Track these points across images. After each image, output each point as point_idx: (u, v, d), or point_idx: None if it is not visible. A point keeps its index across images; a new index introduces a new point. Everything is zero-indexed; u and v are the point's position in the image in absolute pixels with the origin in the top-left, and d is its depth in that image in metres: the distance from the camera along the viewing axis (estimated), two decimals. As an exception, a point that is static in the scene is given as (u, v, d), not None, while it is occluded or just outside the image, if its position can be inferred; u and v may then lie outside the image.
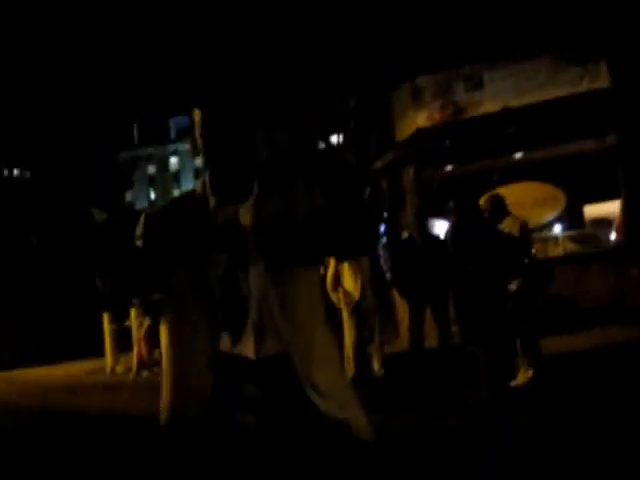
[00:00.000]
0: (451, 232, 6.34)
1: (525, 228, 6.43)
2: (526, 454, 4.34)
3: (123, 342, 10.49)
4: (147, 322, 9.61)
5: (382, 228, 14.62)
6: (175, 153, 76.96)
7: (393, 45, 12.99)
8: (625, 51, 9.58)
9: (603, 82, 10.39)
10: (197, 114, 1.90)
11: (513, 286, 5.92)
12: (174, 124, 76.97)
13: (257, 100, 2.02)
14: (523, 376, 6.25)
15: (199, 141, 1.88)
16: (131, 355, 9.92)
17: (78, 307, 11.52)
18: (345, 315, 7.16)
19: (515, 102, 10.97)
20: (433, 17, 12.32)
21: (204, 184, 1.89)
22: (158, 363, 9.42)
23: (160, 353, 9.33)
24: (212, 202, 1.85)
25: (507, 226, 6.35)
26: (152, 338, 9.52)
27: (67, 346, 12.41)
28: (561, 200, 11.92)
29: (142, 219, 1.95)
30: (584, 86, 10.53)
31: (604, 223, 11.77)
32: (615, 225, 10.96)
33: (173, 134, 77.26)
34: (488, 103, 11.35)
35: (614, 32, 8.97)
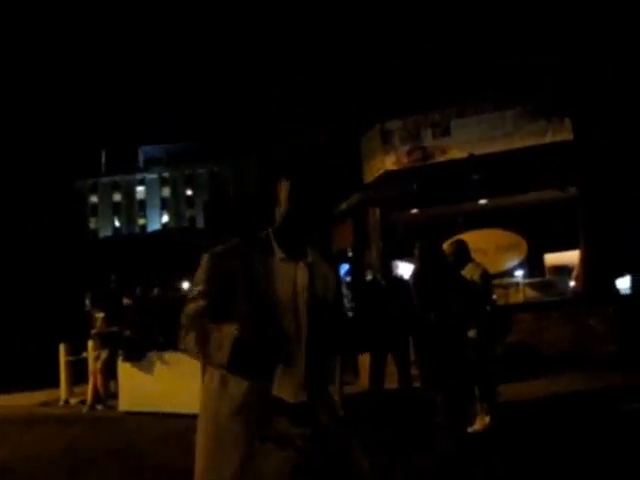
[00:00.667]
0: (415, 276, 6.40)
1: (486, 275, 6.53)
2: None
3: (79, 373, 10.26)
4: (104, 354, 9.43)
5: (346, 268, 14.71)
6: (142, 182, 76.44)
7: (366, 84, 13.23)
8: (588, 108, 9.93)
9: (567, 135, 10.72)
10: (286, 184, 2.33)
11: (472, 333, 5.99)
12: (143, 152, 76.66)
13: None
14: (480, 422, 6.29)
15: (284, 204, 2.31)
16: (86, 387, 9.70)
17: (35, 336, 11.28)
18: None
19: (481, 150, 11.24)
20: (404, 62, 12.61)
21: (269, 236, 2.29)
22: (114, 396, 9.23)
23: (116, 385, 9.16)
24: (278, 254, 2.24)
25: (469, 272, 6.44)
26: (109, 370, 9.33)
27: (21, 375, 12.07)
28: (523, 248, 12.15)
29: (207, 259, 2.28)
30: (548, 138, 10.84)
31: (564, 271, 12.00)
32: (574, 274, 11.19)
33: (141, 162, 76.88)
34: (455, 150, 11.59)
35: (578, 89, 9.30)
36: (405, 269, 11.82)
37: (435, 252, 6.34)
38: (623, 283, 10.77)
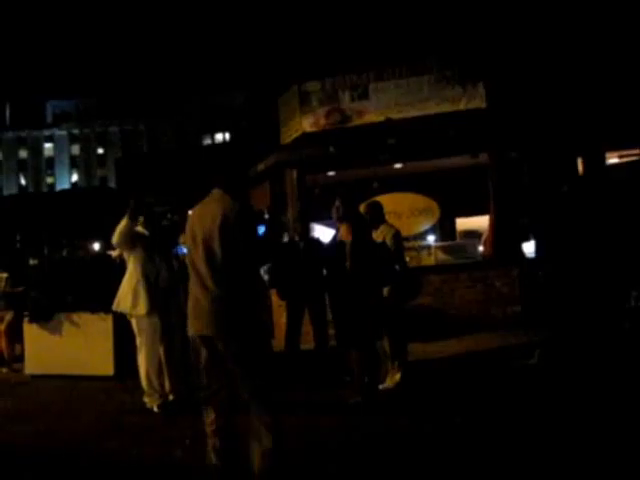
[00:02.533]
0: (353, 237, 6.39)
1: (398, 236, 6.66)
2: (389, 454, 4.50)
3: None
4: (9, 316, 9.05)
5: (261, 229, 14.63)
6: (51, 139, 73.17)
7: (284, 45, 13.06)
8: (500, 75, 10.16)
9: (480, 103, 10.98)
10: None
11: (384, 292, 6.13)
12: (51, 107, 73.22)
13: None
14: (391, 379, 6.48)
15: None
16: (-11, 350, 9.31)
17: None
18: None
19: (398, 114, 11.36)
20: (325, 23, 12.50)
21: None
22: (19, 359, 8.90)
23: (22, 348, 8.83)
24: None
25: (381, 233, 6.56)
26: (14, 333, 8.98)
27: None
28: (435, 212, 12.45)
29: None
30: (462, 105, 11.08)
31: (474, 235, 12.40)
32: (483, 238, 11.57)
33: (50, 118, 73.45)
34: (372, 113, 11.66)
35: (492, 57, 9.48)
36: (321, 231, 11.91)
37: (355, 213, 6.41)
38: (529, 247, 11.22)
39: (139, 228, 6.31)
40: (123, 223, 6.01)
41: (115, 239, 6.10)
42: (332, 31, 12.02)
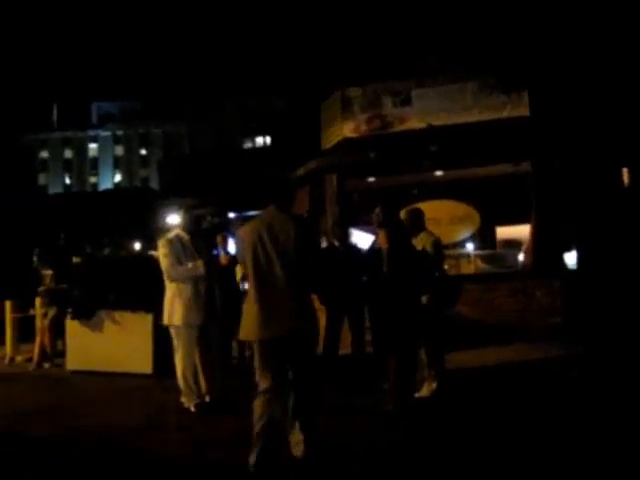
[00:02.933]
0: (389, 243, 6.36)
1: (438, 244, 6.61)
2: (428, 462, 4.47)
3: (26, 331, 10.05)
4: (52, 312, 9.24)
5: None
6: (95, 139, 74.61)
7: (327, 51, 13.10)
8: (545, 83, 10.04)
9: (524, 111, 10.85)
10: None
11: (423, 299, 6.08)
12: (96, 109, 74.68)
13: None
14: (428, 388, 6.43)
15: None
16: (33, 345, 9.52)
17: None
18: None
19: (440, 121, 11.29)
20: (369, 30, 12.50)
21: None
22: (61, 354, 9.09)
23: (64, 344, 9.02)
24: None
25: (421, 240, 6.52)
26: (57, 329, 9.17)
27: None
28: (476, 220, 12.34)
29: None
30: (506, 113, 10.97)
31: (514, 245, 12.25)
32: (524, 248, 11.43)
33: (95, 119, 74.93)
34: (414, 119, 11.62)
35: (536, 64, 9.38)
36: (359, 237, 11.89)
37: (398, 222, 6.39)
38: (571, 258, 11.04)
39: (178, 231, 6.41)
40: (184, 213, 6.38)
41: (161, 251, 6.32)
42: (376, 37, 12.01)
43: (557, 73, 9.58)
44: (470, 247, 12.84)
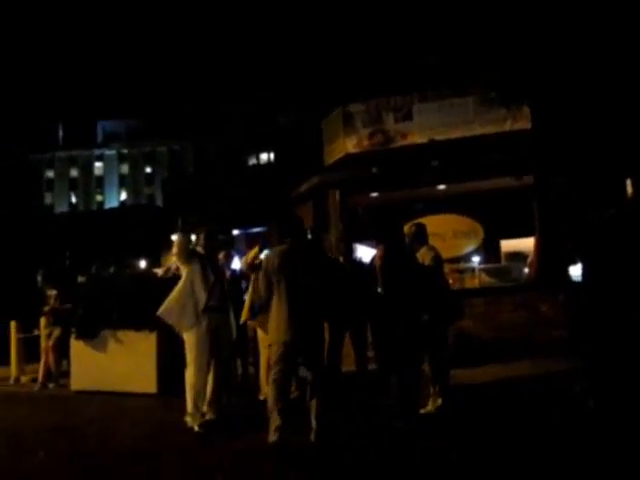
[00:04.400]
0: (381, 261, 6.35)
1: (438, 259, 6.57)
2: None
3: (30, 351, 10.05)
4: (57, 332, 9.25)
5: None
6: (100, 158, 74.97)
7: (329, 67, 13.16)
8: (546, 96, 10.04)
9: (525, 124, 10.86)
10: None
11: (425, 316, 6.05)
12: (101, 127, 75.10)
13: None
14: (433, 404, 6.39)
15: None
16: (38, 365, 9.52)
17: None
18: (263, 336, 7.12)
19: (441, 136, 11.32)
20: (369, 46, 12.56)
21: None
22: (66, 374, 9.08)
23: (68, 364, 9.01)
24: None
25: (421, 255, 6.49)
26: (61, 349, 9.17)
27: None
28: (479, 233, 12.32)
29: None
30: (507, 126, 10.98)
31: (519, 258, 12.21)
32: (528, 261, 11.39)
33: (100, 138, 75.34)
34: (416, 134, 11.65)
35: (537, 77, 9.38)
36: (364, 252, 11.88)
37: (396, 236, 6.38)
38: (576, 270, 10.98)
39: (198, 247, 6.50)
40: (179, 237, 6.37)
41: (175, 249, 6.40)
42: (377, 53, 12.06)
43: (558, 86, 9.57)
44: (475, 260, 12.80)
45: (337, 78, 12.64)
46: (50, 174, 73.44)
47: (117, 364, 8.14)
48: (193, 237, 6.80)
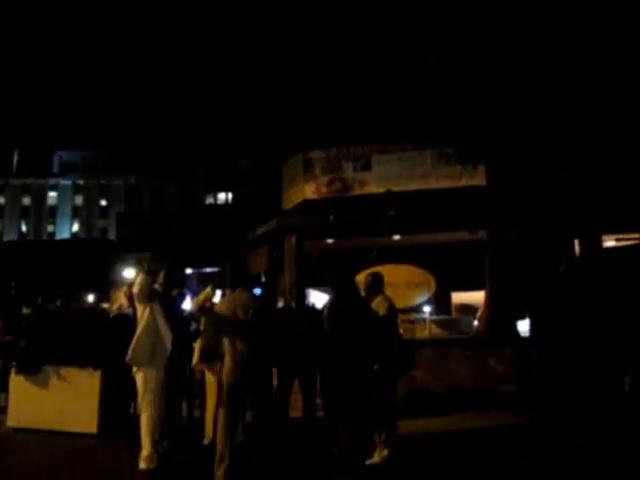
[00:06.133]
0: (330, 307, 6.37)
1: (392, 309, 6.63)
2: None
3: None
4: (-3, 365, 8.95)
5: (258, 292, 14.62)
6: (55, 188, 73.74)
7: (291, 113, 13.34)
8: (500, 156, 10.35)
9: (479, 181, 11.15)
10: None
11: (376, 366, 6.07)
12: (58, 158, 74.10)
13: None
14: (379, 455, 6.35)
15: None
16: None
17: None
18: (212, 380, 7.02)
19: (398, 187, 11.53)
20: (333, 94, 12.79)
21: None
22: (3, 410, 8.73)
23: (6, 399, 8.67)
24: None
25: (376, 305, 6.54)
26: (1, 383, 8.84)
27: None
28: (431, 285, 12.49)
29: None
30: (463, 182, 11.26)
31: (469, 310, 12.38)
32: (478, 314, 11.55)
33: (56, 168, 74.24)
34: (373, 184, 11.86)
35: (492, 139, 9.67)
36: (317, 297, 11.90)
37: (349, 284, 6.41)
38: (524, 326, 11.19)
39: (156, 286, 6.43)
40: (142, 277, 6.19)
41: (136, 289, 6.26)
42: (339, 102, 12.29)
43: (512, 146, 9.88)
44: (427, 310, 12.93)
45: (299, 124, 12.81)
46: (1, 200, 71.85)
47: (58, 402, 7.88)
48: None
